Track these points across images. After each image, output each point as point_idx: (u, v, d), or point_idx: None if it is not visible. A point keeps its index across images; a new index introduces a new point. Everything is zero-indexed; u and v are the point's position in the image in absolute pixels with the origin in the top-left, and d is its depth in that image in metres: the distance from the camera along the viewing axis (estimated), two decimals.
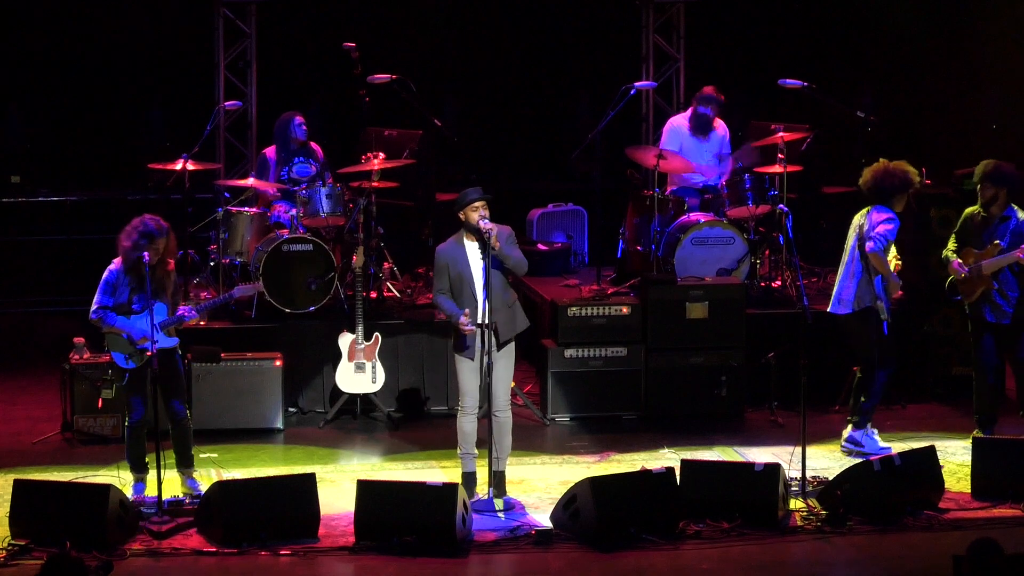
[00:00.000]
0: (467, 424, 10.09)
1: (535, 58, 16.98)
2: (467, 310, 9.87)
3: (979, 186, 11.09)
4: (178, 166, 12.68)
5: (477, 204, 9.86)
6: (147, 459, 10.22)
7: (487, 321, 9.85)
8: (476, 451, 10.16)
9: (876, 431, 11.24)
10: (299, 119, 13.29)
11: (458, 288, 9.98)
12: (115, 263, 10.08)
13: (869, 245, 10.91)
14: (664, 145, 13.40)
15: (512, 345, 10.07)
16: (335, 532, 9.51)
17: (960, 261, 11.09)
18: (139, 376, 10.05)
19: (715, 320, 12.29)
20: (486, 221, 9.81)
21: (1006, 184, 11.02)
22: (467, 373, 10.02)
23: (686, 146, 13.45)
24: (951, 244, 11.24)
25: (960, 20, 15.29)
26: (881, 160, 11.18)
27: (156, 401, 10.08)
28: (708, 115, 13.44)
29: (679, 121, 13.66)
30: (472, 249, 9.95)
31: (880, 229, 10.91)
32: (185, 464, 10.36)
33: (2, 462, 10.98)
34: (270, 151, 13.37)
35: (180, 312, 10.14)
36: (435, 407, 12.45)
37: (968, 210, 11.27)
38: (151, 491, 9.96)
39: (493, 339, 9.88)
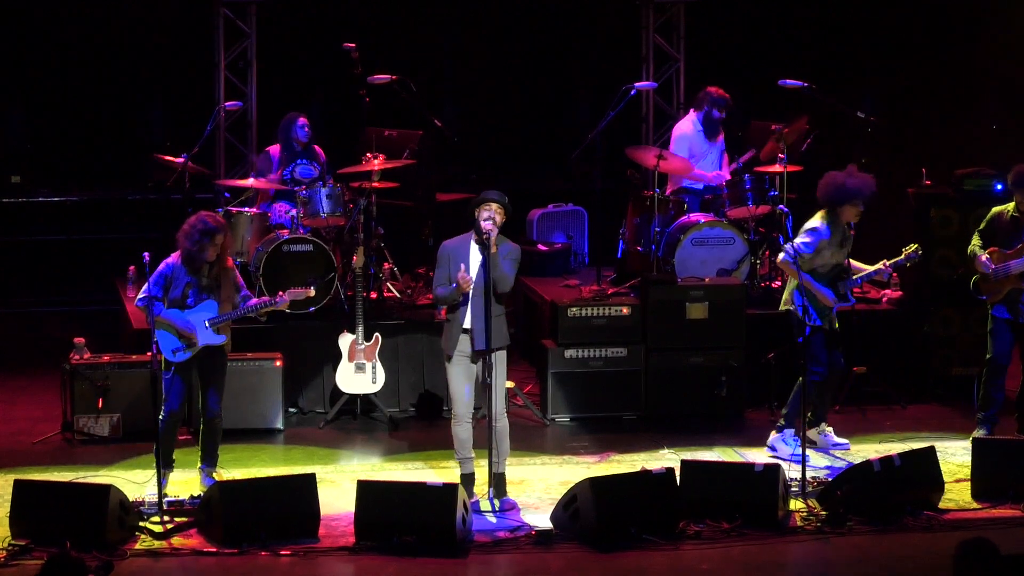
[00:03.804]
0: (462, 431, 10.09)
1: (535, 58, 16.98)
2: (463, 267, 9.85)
3: (1020, 192, 10.99)
4: (180, 161, 12.67)
5: (491, 204, 9.86)
6: (173, 455, 10.26)
7: (473, 325, 9.87)
8: (473, 454, 10.17)
9: (796, 436, 10.98)
10: (302, 120, 13.30)
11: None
12: (173, 257, 10.18)
13: (780, 255, 10.94)
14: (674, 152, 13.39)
15: (503, 353, 10.04)
16: (335, 532, 9.51)
17: (988, 256, 11.04)
18: (182, 370, 10.10)
19: (715, 320, 12.29)
20: (489, 223, 9.82)
21: None
22: (458, 378, 10.01)
23: (697, 150, 13.43)
24: (976, 240, 11.19)
25: (960, 20, 15.28)
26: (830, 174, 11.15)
27: (156, 400, 10.08)
28: (722, 118, 13.44)
29: (685, 127, 13.60)
30: (475, 252, 9.95)
31: (797, 241, 10.90)
32: (210, 462, 10.41)
33: (2, 462, 10.98)
34: (274, 149, 13.40)
35: (243, 308, 10.18)
36: (444, 408, 12.43)
37: (996, 209, 11.22)
38: (167, 487, 9.95)
39: (470, 344, 9.89)
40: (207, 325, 10.16)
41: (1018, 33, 14.76)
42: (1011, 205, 11.11)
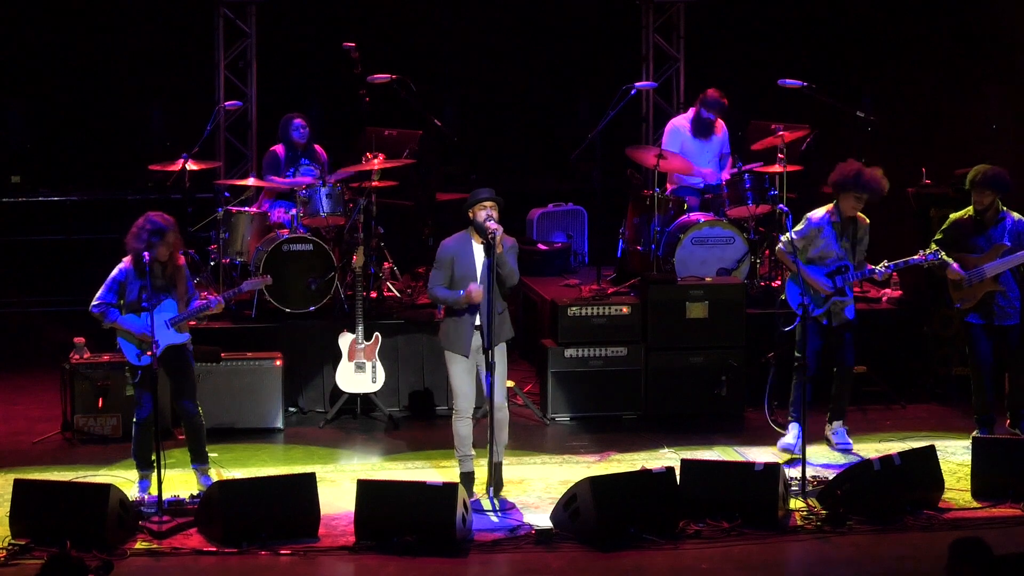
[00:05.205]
0: (463, 428, 10.11)
1: (535, 58, 16.99)
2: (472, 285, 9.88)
3: (976, 192, 11.03)
4: (178, 166, 12.70)
5: (486, 204, 9.88)
6: (151, 457, 10.23)
7: (482, 322, 9.88)
8: (474, 452, 10.18)
9: (794, 434, 11.15)
10: (298, 121, 13.30)
11: (459, 285, 9.99)
12: (125, 262, 10.12)
13: (778, 244, 11.16)
14: (665, 146, 13.40)
15: (503, 346, 10.07)
16: (335, 532, 9.51)
17: (959, 266, 11.04)
18: (150, 372, 10.07)
19: (715, 320, 12.30)
20: (492, 221, 9.83)
21: (1006, 189, 11.01)
22: (460, 375, 10.04)
23: (687, 147, 13.45)
24: (934, 248, 11.19)
25: (960, 20, 15.28)
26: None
27: (157, 398, 10.08)
28: (711, 119, 13.46)
29: (680, 122, 13.66)
30: (479, 251, 9.97)
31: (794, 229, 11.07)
32: (199, 461, 10.39)
33: (2, 462, 10.98)
34: (279, 149, 13.40)
35: (199, 303, 10.15)
36: (438, 407, 12.46)
37: (953, 215, 11.25)
38: (151, 489, 9.97)
39: (483, 340, 9.91)
40: (168, 325, 10.11)
41: (1018, 32, 14.75)
42: (970, 209, 11.12)
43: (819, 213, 11.04)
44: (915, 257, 11.00)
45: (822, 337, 11.01)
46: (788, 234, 11.03)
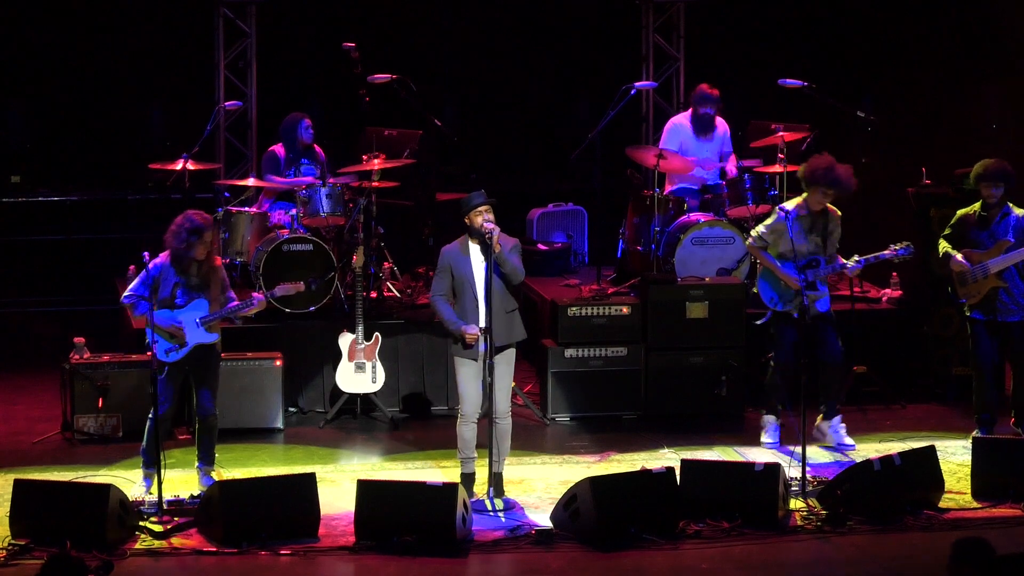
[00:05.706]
0: (467, 431, 10.09)
1: (535, 58, 16.99)
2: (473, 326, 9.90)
3: (985, 186, 11.02)
4: (178, 166, 12.70)
5: (481, 208, 9.89)
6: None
7: (486, 324, 9.88)
8: (476, 454, 10.18)
9: (771, 430, 11.33)
10: (307, 122, 13.29)
11: (460, 291, 10.00)
12: (161, 257, 10.14)
13: (748, 239, 11.24)
14: (664, 144, 13.40)
15: (512, 351, 10.08)
16: (335, 532, 9.51)
17: (962, 257, 11.04)
18: (175, 370, 10.09)
19: (715, 320, 12.30)
20: (488, 223, 9.84)
21: (1013, 181, 11.03)
22: (467, 379, 10.02)
23: (687, 145, 13.44)
24: (944, 244, 11.18)
25: (960, 20, 15.28)
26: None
27: (156, 398, 10.07)
28: (710, 114, 13.45)
29: (680, 120, 13.65)
30: (476, 253, 9.98)
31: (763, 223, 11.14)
32: (206, 461, 10.39)
33: (2, 462, 10.98)
34: (278, 148, 13.37)
35: (234, 304, 10.16)
36: (435, 407, 12.47)
37: (960, 212, 11.25)
38: (154, 487, 9.96)
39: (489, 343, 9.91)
40: (199, 323, 10.14)
41: (1018, 32, 14.76)
42: (977, 205, 11.14)
43: (789, 206, 11.07)
44: (885, 252, 11.04)
45: (795, 331, 11.01)
46: (758, 227, 11.08)
